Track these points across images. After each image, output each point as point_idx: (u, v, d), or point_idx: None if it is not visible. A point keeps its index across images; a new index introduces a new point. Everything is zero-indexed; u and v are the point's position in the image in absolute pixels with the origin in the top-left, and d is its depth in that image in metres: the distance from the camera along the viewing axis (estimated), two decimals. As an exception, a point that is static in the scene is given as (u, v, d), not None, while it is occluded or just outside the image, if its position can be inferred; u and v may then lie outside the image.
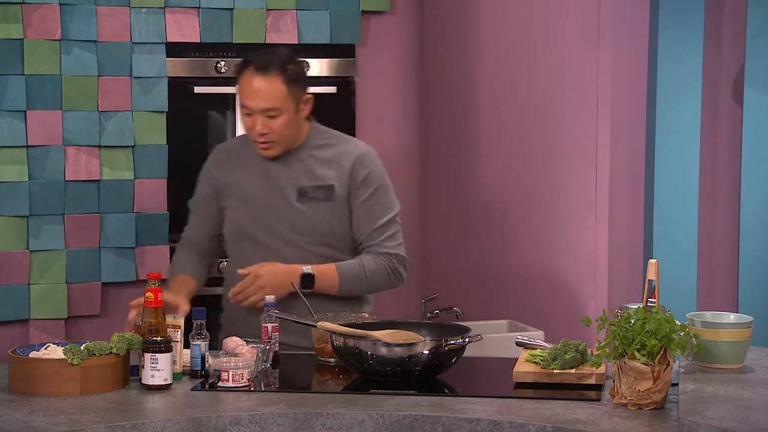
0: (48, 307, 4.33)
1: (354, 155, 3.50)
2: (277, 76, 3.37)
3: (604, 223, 4.04)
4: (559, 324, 4.20)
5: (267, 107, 3.37)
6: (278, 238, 3.46)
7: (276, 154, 3.46)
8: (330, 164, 3.49)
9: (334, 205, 3.46)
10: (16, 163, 4.26)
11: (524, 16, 4.41)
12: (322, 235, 3.46)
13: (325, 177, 3.47)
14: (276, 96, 3.38)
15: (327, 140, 3.54)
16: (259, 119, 3.39)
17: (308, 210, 3.45)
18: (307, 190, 3.46)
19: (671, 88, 4.29)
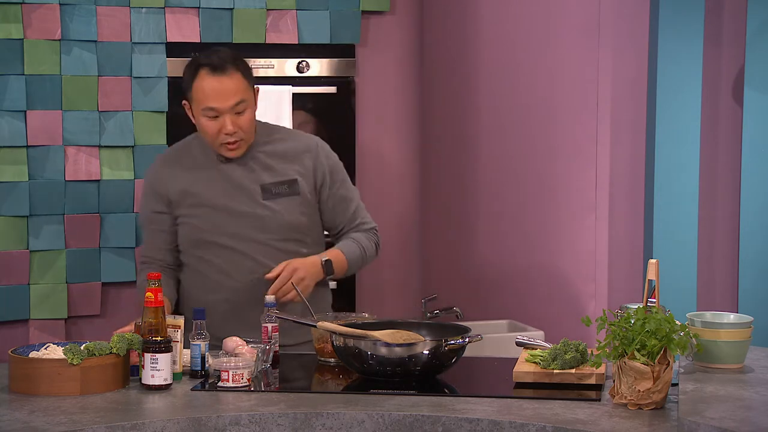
0: (48, 307, 4.33)
1: (312, 148, 3.51)
2: (235, 71, 3.37)
3: (604, 223, 4.04)
4: (559, 324, 4.20)
5: (236, 101, 3.35)
6: (242, 239, 3.44)
7: (242, 152, 3.44)
8: (288, 159, 3.48)
9: (299, 198, 3.46)
10: (16, 163, 4.26)
11: (524, 16, 4.41)
12: (288, 230, 3.45)
13: (286, 172, 3.47)
14: (241, 90, 3.37)
15: (274, 135, 3.53)
16: (228, 119, 3.36)
17: (274, 206, 3.44)
18: (270, 187, 3.45)
19: (671, 88, 4.29)
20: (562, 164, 4.22)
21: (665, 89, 4.28)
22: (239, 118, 3.37)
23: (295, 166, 3.48)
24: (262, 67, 4.61)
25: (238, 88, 3.36)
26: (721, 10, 4.16)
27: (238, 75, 3.37)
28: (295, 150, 3.50)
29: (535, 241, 4.36)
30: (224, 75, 3.35)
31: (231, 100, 3.35)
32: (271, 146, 3.50)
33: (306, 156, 3.50)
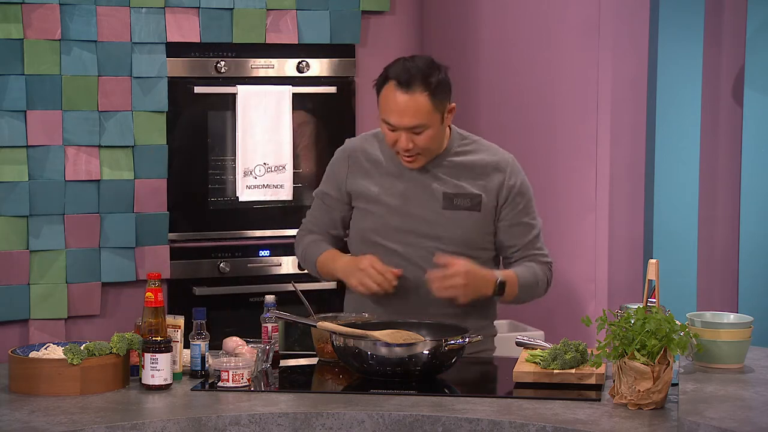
0: (48, 307, 4.33)
1: (502, 164, 3.36)
2: (422, 91, 3.18)
3: (604, 223, 4.04)
4: (559, 324, 4.20)
5: (414, 124, 3.21)
6: (411, 245, 3.32)
7: (421, 165, 3.31)
8: (476, 172, 3.34)
9: (479, 215, 3.32)
10: (16, 163, 4.26)
11: (524, 16, 4.41)
12: (461, 244, 3.31)
13: (472, 185, 3.33)
14: (421, 113, 3.19)
15: (467, 146, 3.38)
16: (403, 135, 3.22)
17: (453, 217, 3.31)
18: (452, 197, 3.31)
19: (671, 88, 4.28)
20: (562, 164, 4.22)
21: (665, 89, 4.28)
22: (416, 137, 3.23)
23: (482, 181, 3.34)
24: (262, 67, 4.62)
25: (419, 111, 3.19)
26: (721, 10, 4.16)
27: (425, 96, 3.19)
28: (486, 165, 3.35)
29: (535, 241, 4.35)
30: (408, 93, 3.18)
31: (408, 122, 3.20)
32: (462, 157, 3.35)
33: (496, 173, 3.35)
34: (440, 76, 3.24)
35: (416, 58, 3.28)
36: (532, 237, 3.37)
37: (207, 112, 4.59)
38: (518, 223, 3.36)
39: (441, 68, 3.27)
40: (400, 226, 3.33)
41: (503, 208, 3.35)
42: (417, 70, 3.20)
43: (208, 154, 4.59)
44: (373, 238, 3.36)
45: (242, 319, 4.59)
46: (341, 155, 3.46)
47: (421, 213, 3.33)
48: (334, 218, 3.46)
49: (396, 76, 3.21)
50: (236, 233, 4.64)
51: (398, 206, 3.34)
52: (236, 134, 4.55)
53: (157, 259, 4.46)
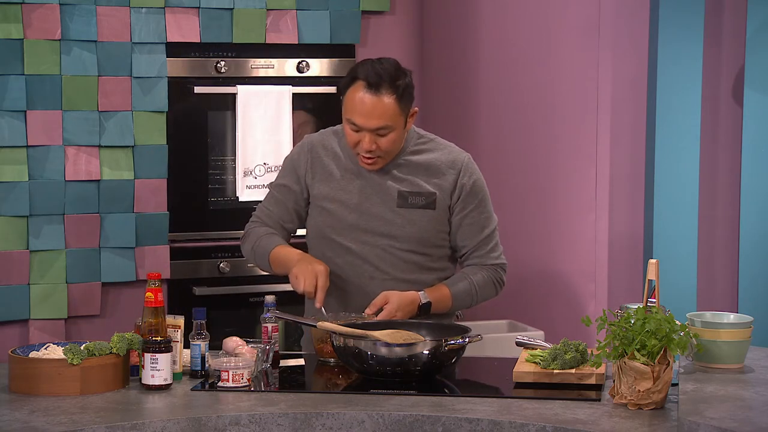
0: (48, 307, 4.33)
1: (457, 163, 3.38)
2: (389, 94, 3.21)
3: (604, 223, 4.04)
4: (559, 324, 4.20)
5: (380, 126, 3.23)
6: (367, 243, 3.35)
7: (379, 167, 3.34)
8: (430, 171, 3.36)
9: (433, 213, 3.35)
10: (16, 163, 4.26)
11: (524, 16, 4.41)
12: (416, 242, 3.34)
13: (427, 184, 3.35)
14: (388, 115, 3.22)
15: (424, 144, 3.40)
16: (367, 137, 3.24)
17: (407, 216, 3.34)
18: (407, 196, 3.34)
19: (671, 88, 4.29)
20: (562, 164, 4.22)
21: (665, 89, 4.28)
22: (380, 139, 3.25)
23: (437, 180, 3.36)
24: (262, 67, 4.62)
25: (386, 113, 3.22)
26: (721, 10, 4.16)
27: (392, 99, 3.22)
28: (440, 163, 3.37)
29: (535, 241, 4.36)
30: (376, 95, 3.21)
31: (374, 123, 3.23)
32: (417, 156, 3.37)
33: (450, 172, 3.37)
34: (407, 80, 3.28)
35: (384, 60, 3.31)
36: (484, 237, 3.40)
37: (207, 112, 4.59)
38: (470, 222, 3.39)
39: (407, 72, 3.31)
40: (356, 223, 3.36)
41: (455, 207, 3.38)
42: (386, 73, 3.24)
43: (208, 154, 4.59)
44: (330, 235, 3.39)
45: (242, 319, 4.60)
46: (302, 149, 3.47)
47: (376, 211, 3.36)
48: (289, 211, 3.46)
49: (365, 77, 3.23)
50: (236, 233, 4.63)
51: (354, 204, 3.37)
52: (236, 134, 4.55)
53: (157, 259, 4.46)
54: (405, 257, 3.35)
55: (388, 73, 3.24)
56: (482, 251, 3.41)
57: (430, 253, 3.37)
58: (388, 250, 3.35)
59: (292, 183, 3.44)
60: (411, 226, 3.34)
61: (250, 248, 3.48)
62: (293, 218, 3.47)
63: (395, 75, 3.25)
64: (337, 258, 3.37)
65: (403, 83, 3.25)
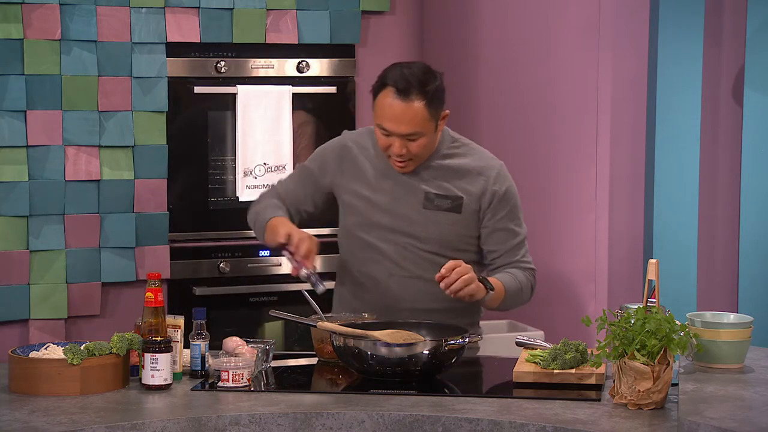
0: (48, 307, 4.33)
1: (488, 170, 3.36)
2: (419, 99, 3.20)
3: (604, 223, 4.04)
4: (559, 324, 4.20)
5: (409, 132, 3.23)
6: (390, 241, 3.35)
7: (411, 170, 3.33)
8: (460, 175, 3.35)
9: (458, 217, 3.34)
10: (16, 163, 4.26)
11: (524, 16, 4.41)
12: (438, 243, 3.34)
13: (455, 187, 3.34)
14: (417, 121, 3.21)
15: (457, 149, 3.39)
16: (397, 142, 3.24)
17: (432, 217, 3.33)
18: (434, 198, 3.33)
19: (671, 88, 4.29)
20: (562, 164, 4.22)
21: (665, 89, 4.28)
22: (410, 144, 3.25)
23: (465, 184, 3.35)
24: (262, 67, 4.62)
25: (415, 119, 3.21)
26: (721, 10, 4.16)
27: (422, 104, 3.20)
28: (471, 169, 3.36)
29: (535, 241, 4.35)
30: (405, 101, 3.20)
31: (404, 129, 3.22)
32: (448, 160, 3.36)
33: (480, 178, 3.35)
34: (436, 83, 3.26)
35: (413, 65, 3.29)
36: (515, 243, 3.39)
37: (207, 112, 4.59)
38: (501, 228, 3.37)
39: (437, 75, 3.28)
40: (382, 222, 3.36)
41: (486, 213, 3.36)
42: (415, 78, 3.22)
43: (208, 154, 4.59)
44: (356, 232, 3.39)
45: (242, 319, 4.60)
46: (337, 144, 3.48)
47: (403, 211, 3.35)
48: (307, 194, 3.46)
49: (394, 82, 3.22)
50: (236, 233, 4.64)
51: (383, 203, 3.37)
52: (236, 134, 4.55)
53: (157, 259, 4.46)
54: (426, 257, 3.35)
55: (417, 78, 3.21)
56: (514, 257, 3.39)
57: (453, 256, 3.32)
58: (409, 249, 3.34)
59: (318, 171, 3.45)
60: (434, 227, 3.34)
61: (255, 212, 3.47)
62: (308, 202, 3.46)
63: (424, 80, 3.22)
64: (360, 253, 3.38)
65: (432, 88, 3.23)
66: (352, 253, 3.42)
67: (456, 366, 3.05)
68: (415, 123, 3.22)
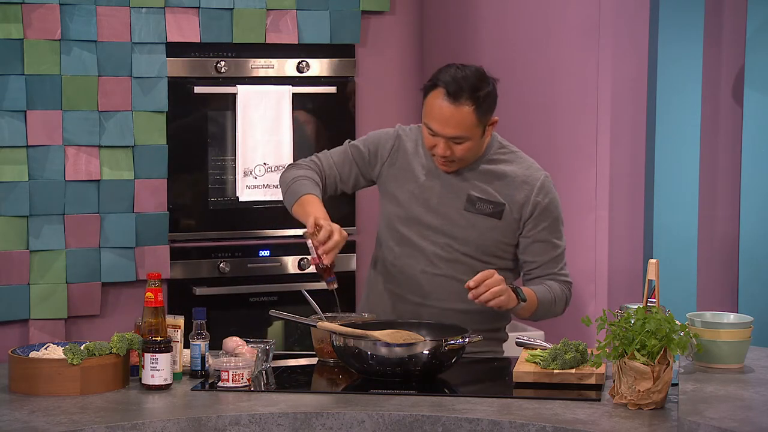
0: (48, 307, 4.33)
1: (532, 180, 3.35)
2: (469, 104, 3.17)
3: (604, 223, 4.04)
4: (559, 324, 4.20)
5: (455, 135, 3.21)
6: (427, 238, 3.35)
7: (454, 170, 3.33)
8: (505, 182, 3.34)
9: (498, 223, 3.33)
10: (16, 163, 4.26)
11: (524, 16, 4.41)
12: (475, 247, 3.33)
13: (498, 193, 3.33)
14: (464, 126, 3.19)
15: (504, 155, 3.38)
16: (442, 143, 3.23)
17: (471, 220, 3.33)
18: (476, 201, 3.32)
19: (671, 88, 4.28)
20: (562, 164, 4.22)
21: (665, 89, 4.28)
22: (455, 146, 3.24)
23: (508, 191, 3.33)
24: (262, 67, 4.62)
25: (462, 123, 3.19)
26: (721, 10, 4.15)
27: (470, 109, 3.18)
28: (517, 176, 3.34)
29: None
30: (454, 104, 3.18)
31: (450, 132, 3.20)
32: (494, 165, 3.35)
33: (524, 187, 3.33)
34: (488, 89, 3.23)
35: (467, 68, 3.25)
36: (555, 256, 3.37)
37: (207, 112, 4.59)
38: (541, 240, 3.35)
39: (490, 81, 3.25)
40: (421, 218, 3.35)
41: (527, 224, 3.34)
42: (467, 82, 3.19)
43: (208, 154, 4.59)
44: (395, 225, 3.39)
45: (242, 319, 4.60)
46: (391, 135, 3.45)
47: (443, 210, 3.35)
48: (351, 175, 3.44)
49: (445, 84, 3.19)
50: (236, 233, 4.64)
51: (424, 200, 3.36)
52: (236, 134, 4.55)
53: (157, 259, 4.46)
54: (460, 259, 3.34)
55: (469, 82, 3.19)
56: (552, 269, 3.37)
57: (488, 261, 3.32)
58: (446, 249, 3.33)
59: (370, 156, 3.43)
60: (472, 230, 3.33)
61: (291, 178, 3.39)
62: (349, 182, 3.44)
63: (477, 85, 3.20)
64: (396, 246, 3.38)
65: (484, 93, 3.21)
66: (389, 244, 3.41)
67: (456, 366, 3.04)
68: (462, 127, 3.20)
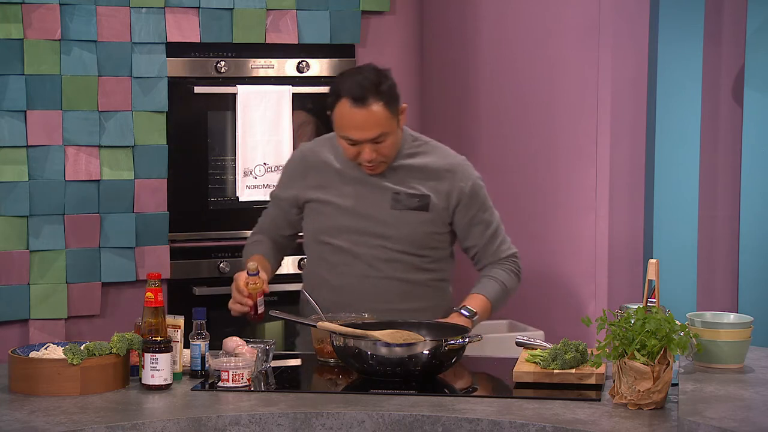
0: (48, 307, 4.33)
1: (453, 167, 3.41)
2: (377, 102, 3.24)
3: (604, 222, 4.04)
4: (559, 324, 4.20)
5: (376, 135, 3.26)
6: (361, 244, 3.38)
7: (382, 171, 3.37)
8: (426, 174, 3.39)
9: (427, 215, 3.38)
10: (16, 163, 4.26)
11: (524, 16, 4.41)
12: (409, 243, 3.37)
13: (422, 187, 3.38)
14: (381, 123, 3.25)
15: (419, 147, 3.43)
16: (366, 148, 3.27)
17: (401, 217, 3.37)
18: (401, 198, 3.37)
19: (671, 88, 4.28)
20: (562, 164, 4.22)
21: (665, 89, 4.28)
22: (379, 146, 3.29)
23: (433, 183, 3.39)
24: (262, 67, 4.62)
25: (379, 121, 3.25)
26: (721, 10, 4.15)
27: (380, 105, 3.24)
28: (437, 167, 3.40)
29: (535, 241, 4.35)
30: (364, 107, 3.23)
31: (370, 134, 3.26)
32: (412, 159, 3.40)
33: (446, 175, 3.40)
34: (389, 82, 3.30)
35: (362, 69, 3.32)
36: (492, 234, 3.46)
37: (207, 112, 4.59)
38: (476, 223, 3.44)
39: (387, 73, 3.32)
40: (350, 225, 3.40)
41: (457, 212, 3.41)
42: (368, 82, 3.25)
43: (208, 154, 4.58)
44: (323, 238, 3.43)
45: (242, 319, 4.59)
46: (296, 159, 3.54)
47: (370, 213, 3.39)
48: (286, 221, 3.54)
49: (349, 92, 3.25)
50: (236, 233, 4.64)
51: (349, 207, 3.40)
52: (236, 134, 4.55)
53: (157, 259, 4.46)
54: (398, 257, 3.39)
55: (369, 81, 3.26)
56: (493, 247, 3.46)
57: (425, 254, 3.41)
58: (382, 251, 3.38)
59: (285, 193, 3.51)
60: (404, 227, 3.38)
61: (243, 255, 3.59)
62: (285, 226, 3.55)
63: (377, 81, 3.27)
64: (332, 257, 3.42)
65: (386, 87, 3.27)
66: (324, 258, 3.45)
67: (456, 366, 3.04)
68: (380, 125, 3.25)
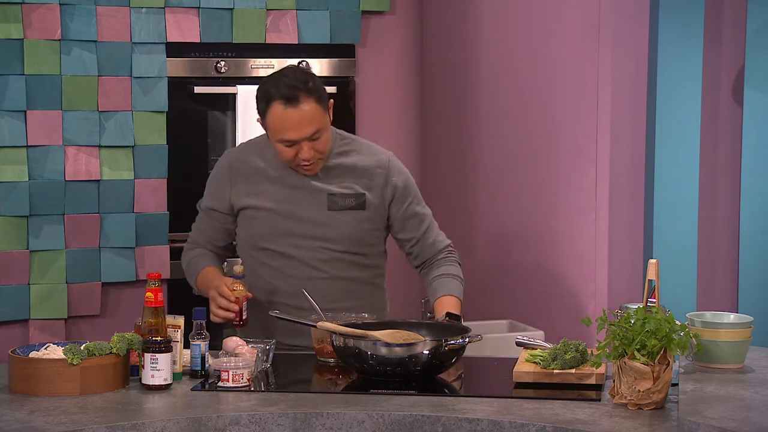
0: (48, 307, 4.33)
1: (383, 163, 3.45)
2: (308, 100, 3.27)
3: (605, 222, 4.04)
4: (559, 324, 4.20)
5: (313, 131, 3.28)
6: (302, 247, 3.40)
7: (319, 169, 3.39)
8: (358, 173, 3.42)
9: (364, 213, 3.41)
10: (16, 163, 4.26)
11: (524, 16, 4.41)
12: (350, 242, 3.40)
13: (356, 185, 3.41)
14: (316, 119, 3.28)
15: (347, 146, 3.46)
16: (304, 147, 3.29)
17: (339, 218, 3.40)
18: (337, 198, 3.40)
19: (671, 88, 4.28)
20: (562, 164, 4.22)
21: (665, 89, 4.28)
22: (316, 143, 3.31)
23: (366, 180, 3.43)
24: (262, 68, 4.62)
25: (314, 118, 3.28)
26: (721, 10, 4.15)
27: (312, 102, 3.27)
28: (367, 165, 3.44)
29: (536, 241, 4.36)
30: (298, 106, 3.26)
31: (307, 131, 3.28)
32: (343, 158, 3.43)
33: (378, 171, 3.44)
34: (315, 78, 3.35)
35: (286, 71, 3.35)
36: (427, 226, 3.51)
37: (207, 112, 4.59)
38: (410, 216, 3.48)
39: (310, 71, 3.42)
40: (289, 230, 3.41)
41: (392, 207, 3.46)
42: (296, 82, 3.28)
43: (208, 154, 4.59)
44: (261, 244, 3.43)
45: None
46: (222, 167, 3.51)
47: (308, 215, 3.40)
48: (220, 231, 3.52)
49: (279, 95, 3.27)
50: (236, 233, 4.63)
51: (285, 211, 3.41)
52: (236, 134, 4.55)
53: (157, 259, 4.46)
54: (341, 257, 3.42)
55: (297, 81, 3.29)
56: (430, 239, 3.51)
57: (365, 251, 3.45)
58: (323, 252, 3.41)
59: (217, 203, 3.49)
60: (343, 227, 3.41)
61: (186, 270, 3.57)
62: (224, 237, 3.54)
63: (304, 79, 3.30)
64: (273, 262, 3.42)
65: (313, 84, 3.31)
66: (264, 263, 3.44)
67: (456, 366, 3.04)
68: (315, 121, 3.29)
